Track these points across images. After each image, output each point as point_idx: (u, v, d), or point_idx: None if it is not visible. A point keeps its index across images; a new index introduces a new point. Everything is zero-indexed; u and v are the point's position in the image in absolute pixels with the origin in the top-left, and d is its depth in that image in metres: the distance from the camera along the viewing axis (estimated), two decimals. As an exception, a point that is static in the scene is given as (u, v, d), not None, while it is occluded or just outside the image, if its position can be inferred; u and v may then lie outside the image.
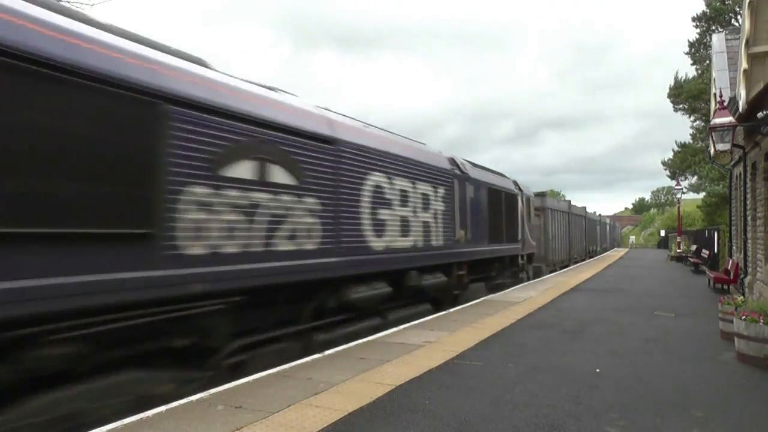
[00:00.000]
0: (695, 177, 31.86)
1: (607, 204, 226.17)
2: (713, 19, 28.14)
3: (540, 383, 5.34)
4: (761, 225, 10.30)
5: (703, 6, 28.79)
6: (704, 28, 28.84)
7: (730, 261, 14.50)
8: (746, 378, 5.64)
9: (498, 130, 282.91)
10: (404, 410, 4.52)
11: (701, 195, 31.92)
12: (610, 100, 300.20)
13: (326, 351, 6.66)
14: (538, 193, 21.35)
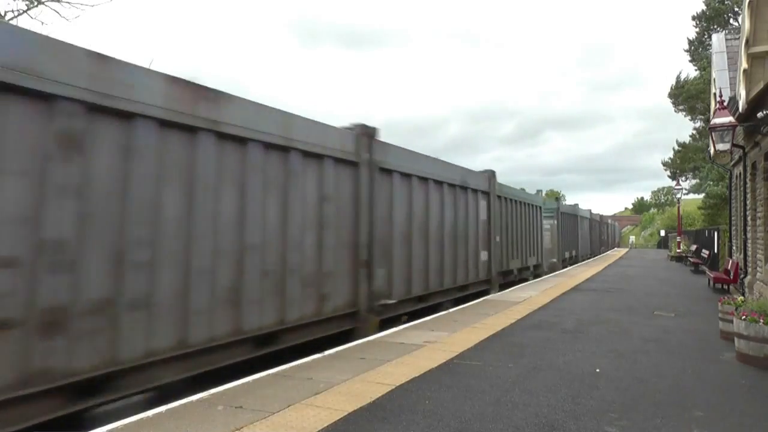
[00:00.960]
0: (695, 178, 31.88)
1: (608, 204, 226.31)
2: (712, 19, 28.17)
3: (540, 383, 5.35)
4: (761, 225, 10.30)
5: (703, 5, 28.83)
6: (704, 27, 28.89)
7: (730, 261, 14.50)
8: (746, 378, 5.64)
9: (500, 130, 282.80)
10: (404, 410, 4.53)
11: (701, 195, 31.92)
12: (614, 100, 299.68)
13: (326, 351, 6.67)
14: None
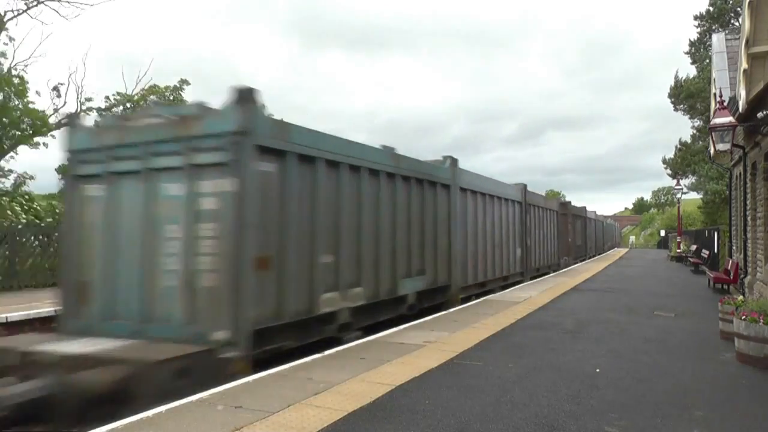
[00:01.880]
0: (695, 177, 31.85)
1: (608, 204, 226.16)
2: (716, 18, 28.17)
3: (540, 383, 5.35)
4: (761, 225, 10.30)
5: (707, 5, 28.85)
6: (706, 27, 28.88)
7: (730, 261, 14.49)
8: (746, 378, 5.64)
9: (503, 130, 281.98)
10: (404, 410, 4.53)
11: (701, 194, 31.90)
12: (617, 100, 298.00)
13: (326, 351, 6.67)
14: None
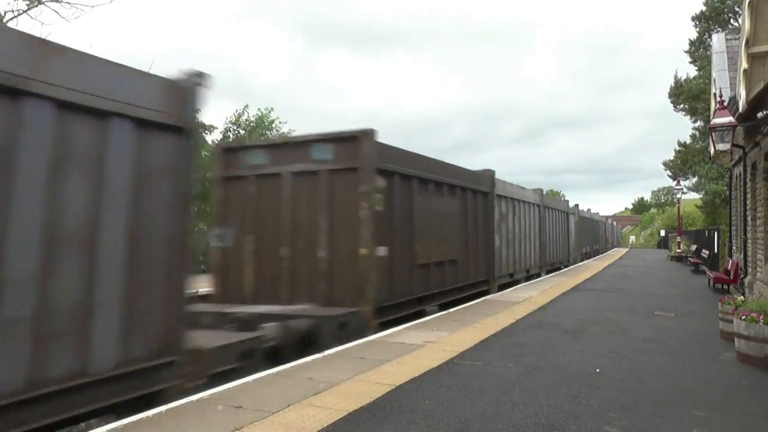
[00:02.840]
0: (695, 177, 31.84)
1: (608, 204, 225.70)
2: (712, 19, 28.14)
3: (540, 383, 5.35)
4: (761, 225, 10.30)
5: (702, 5, 28.80)
6: (704, 28, 28.85)
7: (730, 261, 14.49)
8: (746, 378, 5.64)
9: (506, 130, 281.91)
10: (404, 410, 4.52)
11: (701, 195, 31.89)
12: (620, 100, 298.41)
13: (326, 351, 6.67)
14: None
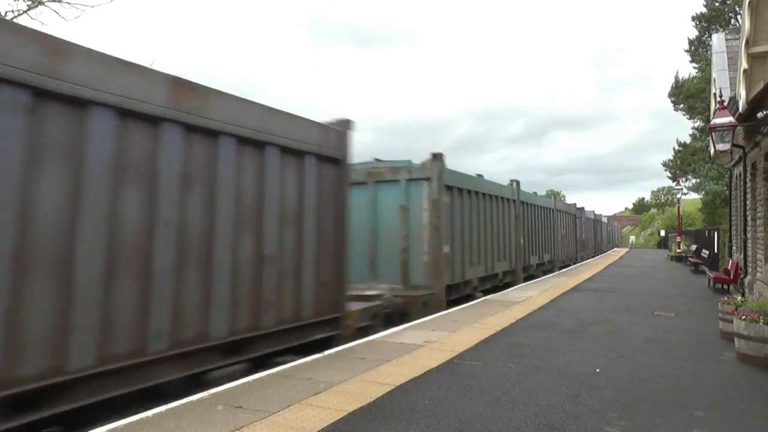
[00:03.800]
0: (695, 178, 31.84)
1: (608, 204, 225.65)
2: (712, 19, 28.15)
3: (540, 383, 5.35)
4: (761, 225, 10.30)
5: (703, 6, 28.80)
6: (704, 28, 28.87)
7: (730, 261, 14.49)
8: (746, 378, 5.64)
9: (508, 130, 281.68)
10: (404, 410, 4.53)
11: (701, 195, 31.90)
12: (624, 99, 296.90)
13: (326, 351, 6.67)
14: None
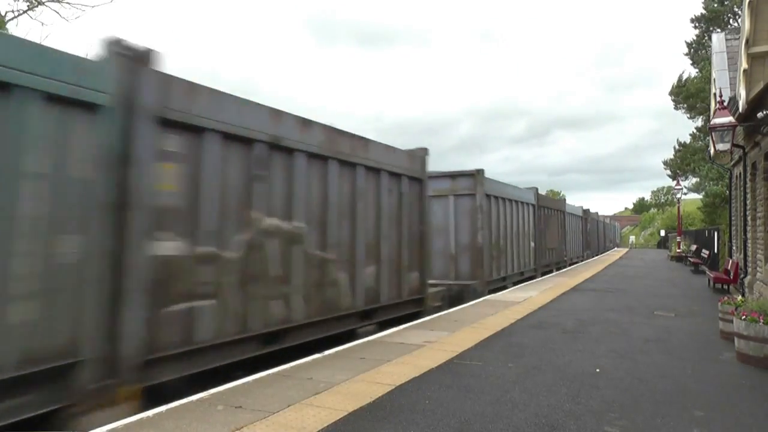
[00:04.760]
0: (695, 178, 31.85)
1: (608, 204, 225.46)
2: (711, 21, 28.15)
3: (540, 383, 5.35)
4: (761, 225, 10.30)
5: (702, 8, 28.80)
6: (703, 29, 28.88)
7: (730, 261, 14.49)
8: (746, 378, 5.64)
9: (510, 130, 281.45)
10: (404, 410, 4.53)
11: (701, 195, 31.91)
12: (628, 99, 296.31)
13: (326, 351, 6.67)
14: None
